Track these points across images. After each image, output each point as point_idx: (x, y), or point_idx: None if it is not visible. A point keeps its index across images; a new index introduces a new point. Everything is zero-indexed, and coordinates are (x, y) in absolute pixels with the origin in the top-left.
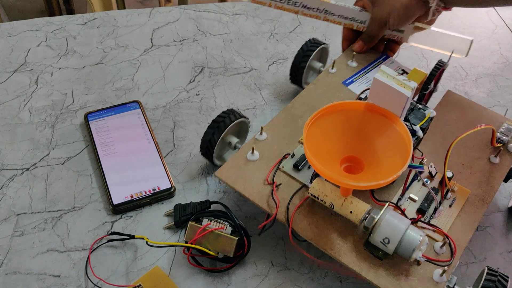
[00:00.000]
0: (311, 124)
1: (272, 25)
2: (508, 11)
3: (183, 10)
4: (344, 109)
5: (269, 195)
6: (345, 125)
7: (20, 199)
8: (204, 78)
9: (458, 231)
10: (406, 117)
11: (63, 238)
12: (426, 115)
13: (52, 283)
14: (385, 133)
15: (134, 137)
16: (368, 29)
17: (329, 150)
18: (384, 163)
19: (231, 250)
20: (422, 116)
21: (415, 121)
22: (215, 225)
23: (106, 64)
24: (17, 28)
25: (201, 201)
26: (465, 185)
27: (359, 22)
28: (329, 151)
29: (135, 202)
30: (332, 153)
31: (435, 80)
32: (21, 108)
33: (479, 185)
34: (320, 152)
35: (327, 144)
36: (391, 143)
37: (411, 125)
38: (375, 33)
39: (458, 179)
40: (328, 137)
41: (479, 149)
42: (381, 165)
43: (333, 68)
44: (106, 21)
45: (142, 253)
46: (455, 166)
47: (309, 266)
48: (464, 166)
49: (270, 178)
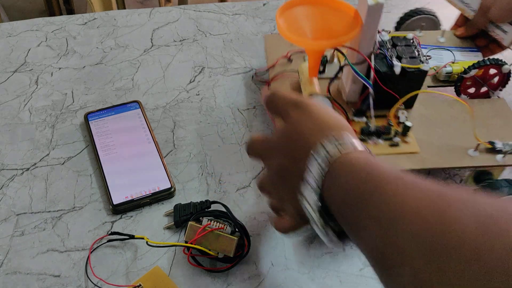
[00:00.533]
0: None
1: (272, 25)
2: None
3: (183, 10)
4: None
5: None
6: (310, 16)
7: (20, 199)
8: (204, 78)
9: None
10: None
11: (63, 238)
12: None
13: (52, 283)
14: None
15: (134, 137)
16: (474, 17)
17: (297, 29)
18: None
19: (231, 250)
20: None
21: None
22: (215, 225)
23: (106, 64)
24: (17, 28)
25: (201, 201)
26: (423, 147)
27: (471, 9)
28: (297, 30)
29: (135, 202)
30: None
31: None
32: (21, 108)
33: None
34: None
35: (297, 26)
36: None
37: (390, 59)
38: (478, 20)
39: (423, 139)
40: (298, 22)
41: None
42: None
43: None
44: (106, 21)
45: (142, 253)
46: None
47: (309, 266)
48: (440, 139)
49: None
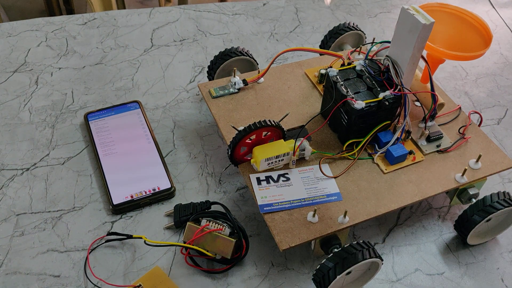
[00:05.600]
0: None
1: (272, 25)
2: (508, 11)
3: (183, 10)
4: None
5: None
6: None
7: (20, 199)
8: (204, 78)
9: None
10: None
11: (63, 238)
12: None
13: (52, 283)
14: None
15: (134, 137)
16: None
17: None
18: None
19: (228, 252)
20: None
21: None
22: (214, 226)
23: (106, 64)
24: (17, 28)
25: (201, 202)
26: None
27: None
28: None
29: (135, 202)
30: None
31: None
32: (21, 108)
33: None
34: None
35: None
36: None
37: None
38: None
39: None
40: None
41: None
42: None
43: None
44: (106, 21)
45: (142, 253)
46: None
47: (309, 266)
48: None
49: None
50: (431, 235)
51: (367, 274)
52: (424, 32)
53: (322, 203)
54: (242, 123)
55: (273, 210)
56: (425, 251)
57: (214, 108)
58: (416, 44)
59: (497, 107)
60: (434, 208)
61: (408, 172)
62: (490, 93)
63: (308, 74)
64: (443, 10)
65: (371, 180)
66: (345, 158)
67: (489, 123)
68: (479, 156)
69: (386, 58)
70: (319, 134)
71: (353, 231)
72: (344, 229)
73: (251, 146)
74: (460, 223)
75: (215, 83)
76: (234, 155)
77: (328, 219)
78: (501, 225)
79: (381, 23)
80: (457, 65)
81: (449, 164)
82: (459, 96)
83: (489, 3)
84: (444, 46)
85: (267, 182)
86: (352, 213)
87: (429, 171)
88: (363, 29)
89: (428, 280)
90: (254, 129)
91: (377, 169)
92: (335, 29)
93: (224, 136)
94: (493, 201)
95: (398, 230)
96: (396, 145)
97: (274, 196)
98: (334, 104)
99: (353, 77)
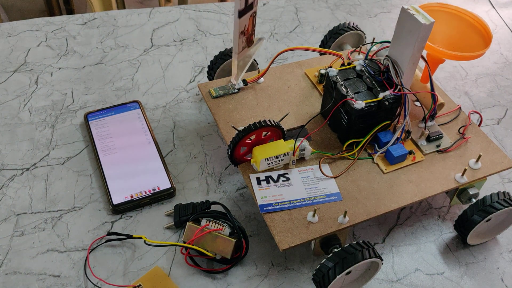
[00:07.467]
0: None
1: (272, 25)
2: (508, 11)
3: (183, 10)
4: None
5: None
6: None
7: (20, 199)
8: (204, 78)
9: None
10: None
11: (63, 238)
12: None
13: (52, 283)
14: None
15: (134, 137)
16: None
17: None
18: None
19: (228, 252)
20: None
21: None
22: (214, 226)
23: (106, 64)
24: (17, 28)
25: (201, 202)
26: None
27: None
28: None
29: (135, 202)
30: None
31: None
32: (21, 108)
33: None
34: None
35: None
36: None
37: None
38: None
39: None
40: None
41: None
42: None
43: None
44: (106, 21)
45: (142, 253)
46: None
47: (309, 266)
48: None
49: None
50: (431, 235)
51: (367, 274)
52: (424, 32)
53: (322, 203)
54: (242, 123)
55: (273, 210)
56: (425, 251)
57: (214, 108)
58: (416, 44)
59: (497, 107)
60: (434, 208)
61: (408, 172)
62: (490, 93)
63: (308, 74)
64: (443, 10)
65: (371, 180)
66: (345, 158)
67: (489, 123)
68: (479, 156)
69: (386, 58)
70: (319, 134)
71: (353, 231)
72: (344, 229)
73: (251, 146)
74: (460, 223)
75: (215, 83)
76: (234, 155)
77: (328, 219)
78: (501, 225)
79: (381, 23)
80: (457, 65)
81: (449, 164)
82: (459, 96)
83: (489, 3)
84: (444, 46)
85: (267, 182)
86: (352, 213)
87: (429, 171)
88: (363, 29)
89: (428, 280)
90: (254, 129)
91: (377, 169)
92: (335, 29)
93: (224, 136)
94: (493, 201)
95: (398, 230)
96: (396, 145)
97: (274, 196)
98: (334, 104)
99: (353, 77)
